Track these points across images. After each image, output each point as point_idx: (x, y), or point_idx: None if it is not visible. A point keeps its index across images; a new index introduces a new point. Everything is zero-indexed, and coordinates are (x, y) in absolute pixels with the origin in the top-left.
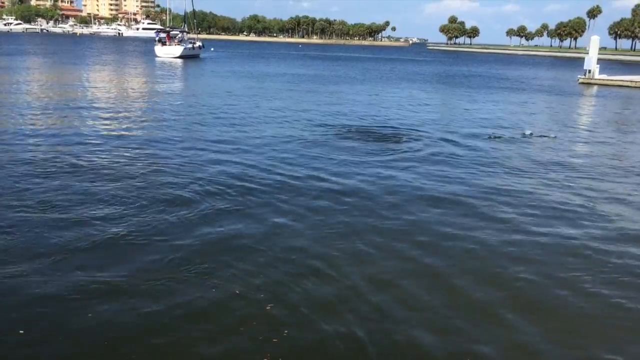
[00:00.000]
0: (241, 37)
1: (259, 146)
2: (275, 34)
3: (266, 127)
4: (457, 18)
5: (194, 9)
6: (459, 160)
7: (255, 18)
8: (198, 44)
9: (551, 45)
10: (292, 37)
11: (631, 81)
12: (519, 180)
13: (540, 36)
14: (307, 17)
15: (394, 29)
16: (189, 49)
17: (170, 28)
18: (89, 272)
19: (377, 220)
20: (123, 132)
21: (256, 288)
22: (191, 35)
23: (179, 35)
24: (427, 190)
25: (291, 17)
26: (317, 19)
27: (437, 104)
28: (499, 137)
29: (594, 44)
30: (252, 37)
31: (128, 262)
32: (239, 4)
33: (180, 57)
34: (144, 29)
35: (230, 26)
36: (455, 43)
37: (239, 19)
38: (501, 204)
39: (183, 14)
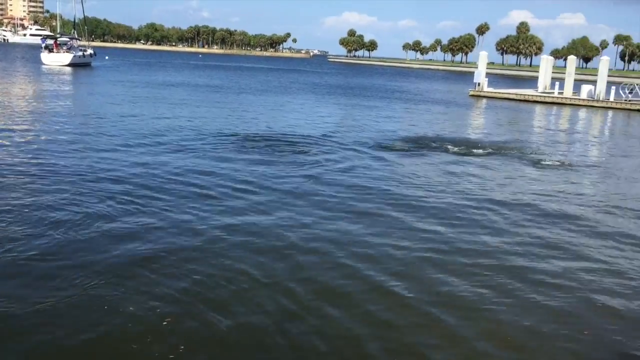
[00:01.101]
0: (138, 46)
1: (162, 155)
2: (174, 43)
3: (166, 138)
4: (356, 32)
5: (84, 15)
6: (363, 171)
7: (152, 26)
8: (89, 51)
9: (444, 60)
10: (191, 46)
11: (516, 94)
12: (427, 189)
13: (435, 50)
14: (207, 26)
15: (295, 40)
16: (79, 56)
17: (60, 34)
18: None
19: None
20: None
21: (151, 308)
22: (82, 43)
23: (68, 43)
24: (331, 200)
25: (191, 26)
26: (218, 28)
27: (339, 115)
28: (404, 148)
29: (482, 59)
30: (150, 46)
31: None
32: (136, 12)
33: (69, 65)
34: (31, 35)
35: (127, 34)
36: (354, 56)
37: (135, 27)
38: (409, 214)
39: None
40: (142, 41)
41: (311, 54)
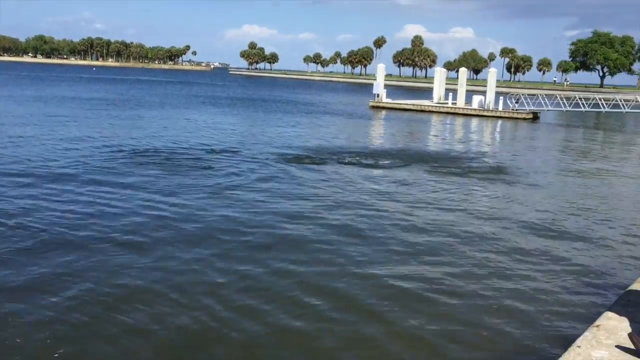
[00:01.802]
0: (26, 59)
1: (53, 172)
2: (65, 56)
3: (58, 154)
4: (257, 44)
5: None
6: (268, 185)
7: (41, 38)
8: None
9: (344, 72)
10: (85, 59)
11: (413, 104)
12: (331, 202)
13: (335, 63)
14: (101, 38)
15: (194, 53)
16: None
17: None
18: None
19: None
20: None
21: (42, 339)
22: None
23: None
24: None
25: (83, 38)
26: (113, 41)
27: (243, 128)
28: (309, 161)
29: (380, 71)
30: (39, 59)
31: None
32: (24, 23)
33: None
34: None
35: (13, 46)
36: (256, 68)
37: (23, 39)
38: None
39: None
40: (30, 54)
41: (212, 66)
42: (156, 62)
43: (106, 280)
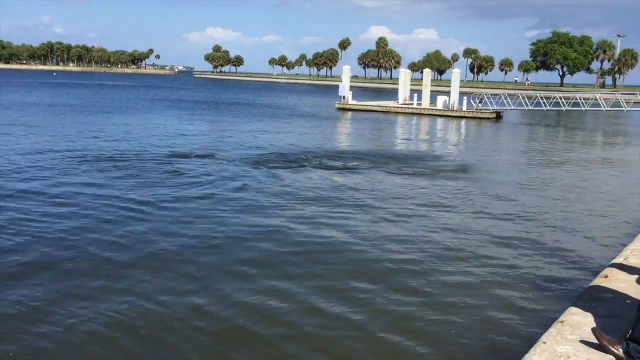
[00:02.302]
0: None
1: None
2: (24, 61)
3: (16, 163)
4: (221, 47)
5: None
6: (239, 188)
7: None
8: None
9: (310, 74)
10: (44, 64)
11: (379, 106)
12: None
13: (300, 65)
14: (61, 43)
15: (158, 56)
16: None
17: None
18: None
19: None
20: None
21: None
22: None
23: None
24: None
25: (43, 43)
26: (73, 45)
27: (209, 132)
28: (277, 164)
29: (346, 73)
30: None
31: None
32: None
33: None
34: None
35: None
36: (221, 71)
37: None
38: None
39: None
40: None
41: (176, 70)
42: (119, 66)
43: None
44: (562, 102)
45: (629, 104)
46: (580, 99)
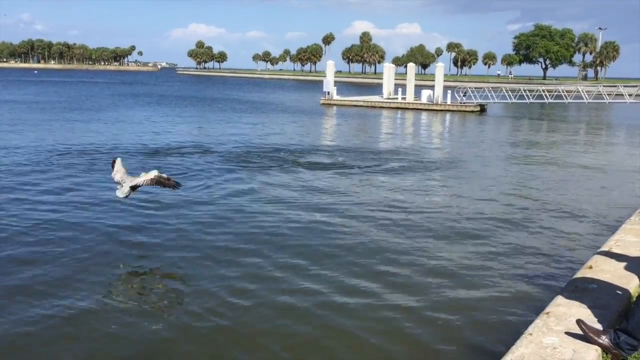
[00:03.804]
0: None
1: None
2: (5, 59)
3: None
4: (204, 43)
5: None
6: (221, 189)
7: None
8: None
9: (294, 70)
10: (25, 62)
11: (364, 101)
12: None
13: (284, 61)
14: (42, 40)
15: (140, 53)
16: None
17: None
18: None
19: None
20: None
21: None
22: None
23: None
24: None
25: (23, 41)
26: (55, 42)
27: (193, 128)
28: (263, 163)
29: (330, 68)
30: None
31: None
32: None
33: None
34: None
35: None
36: (204, 67)
37: None
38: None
39: None
40: None
41: (159, 66)
42: (101, 63)
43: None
44: (545, 95)
45: (610, 95)
46: (563, 92)
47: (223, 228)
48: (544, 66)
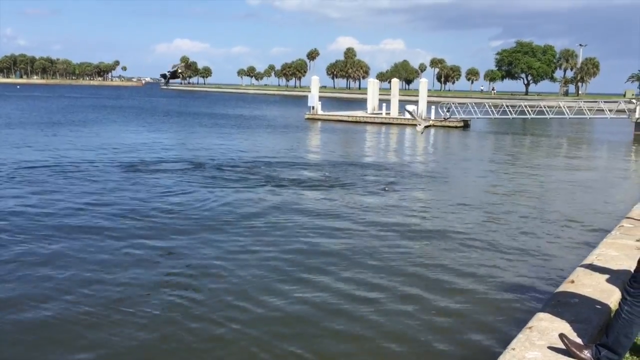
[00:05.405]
0: None
1: None
2: None
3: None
4: (189, 58)
5: None
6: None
7: None
8: None
9: (279, 85)
10: (8, 77)
11: (348, 116)
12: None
13: (269, 76)
14: (24, 55)
15: (124, 68)
16: None
17: None
18: None
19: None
20: None
21: None
22: None
23: None
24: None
25: (6, 55)
26: (38, 57)
27: (178, 143)
28: (246, 178)
29: (314, 83)
30: None
31: None
32: None
33: None
34: None
35: None
36: (189, 83)
37: None
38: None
39: None
40: None
41: (143, 81)
42: (84, 78)
43: None
44: (528, 111)
45: (591, 111)
46: (545, 107)
47: (212, 239)
48: (526, 82)
